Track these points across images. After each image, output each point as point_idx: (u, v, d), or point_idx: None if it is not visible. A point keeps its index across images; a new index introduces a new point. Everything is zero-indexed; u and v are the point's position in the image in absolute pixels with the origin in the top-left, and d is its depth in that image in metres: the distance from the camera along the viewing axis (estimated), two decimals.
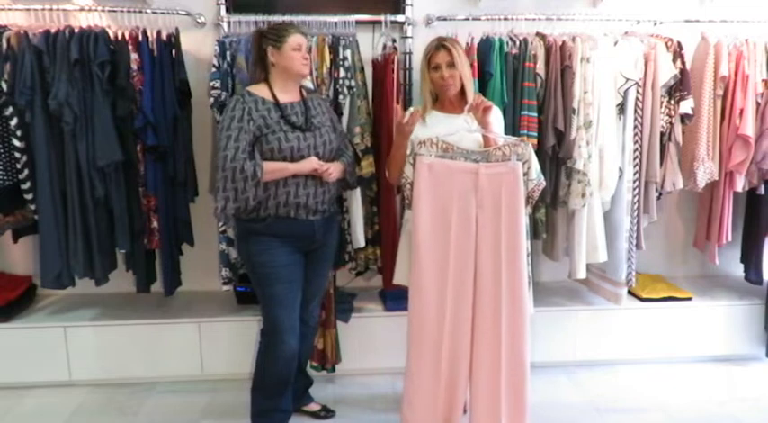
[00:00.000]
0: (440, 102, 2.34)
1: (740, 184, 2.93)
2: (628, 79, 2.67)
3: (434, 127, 2.26)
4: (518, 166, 2.15)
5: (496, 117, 2.30)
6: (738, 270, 3.25)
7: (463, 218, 2.18)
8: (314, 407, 2.63)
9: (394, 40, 2.83)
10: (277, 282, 2.23)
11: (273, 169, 2.13)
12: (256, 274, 2.26)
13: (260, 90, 2.22)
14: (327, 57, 2.62)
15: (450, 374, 2.24)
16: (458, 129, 2.22)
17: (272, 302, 2.25)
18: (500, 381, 2.21)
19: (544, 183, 2.23)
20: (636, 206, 2.81)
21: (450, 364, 2.23)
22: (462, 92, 2.27)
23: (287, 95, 2.25)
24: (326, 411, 2.63)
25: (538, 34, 2.73)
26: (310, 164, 2.18)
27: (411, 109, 2.37)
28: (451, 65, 2.22)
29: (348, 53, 2.61)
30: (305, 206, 2.22)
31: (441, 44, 2.25)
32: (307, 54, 2.25)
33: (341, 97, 2.62)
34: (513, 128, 2.64)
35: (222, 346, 2.87)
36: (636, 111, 2.74)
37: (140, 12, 2.73)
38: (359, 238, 2.76)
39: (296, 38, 2.20)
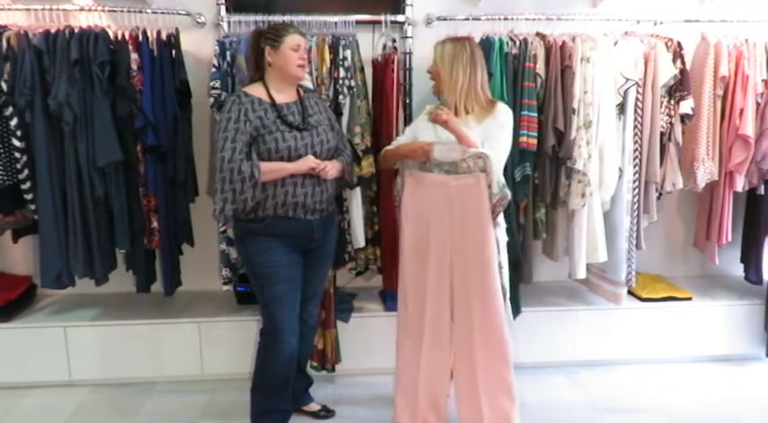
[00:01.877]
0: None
1: (740, 184, 2.92)
2: (628, 79, 2.67)
3: (436, 126, 2.25)
4: (482, 178, 2.16)
5: (500, 118, 2.26)
6: (738, 270, 3.25)
7: (438, 229, 2.23)
8: (314, 407, 2.63)
9: (394, 40, 2.84)
10: (276, 282, 2.23)
11: (271, 169, 2.13)
12: (255, 274, 2.26)
13: (256, 90, 2.22)
14: (327, 57, 2.62)
15: (432, 351, 2.32)
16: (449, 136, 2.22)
17: (271, 302, 2.25)
18: (476, 374, 2.25)
19: (509, 196, 2.19)
20: (636, 206, 2.81)
21: (431, 348, 2.31)
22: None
23: (283, 96, 2.24)
24: (326, 411, 2.63)
25: (538, 34, 2.72)
26: (307, 162, 2.17)
27: (428, 107, 2.36)
28: (434, 62, 2.26)
29: (348, 53, 2.61)
30: (303, 205, 2.22)
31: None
32: (305, 55, 2.24)
33: (341, 97, 2.62)
34: (512, 128, 2.63)
35: (222, 346, 2.87)
36: (636, 111, 2.74)
37: (140, 12, 2.73)
38: (359, 238, 2.76)
39: (294, 38, 2.19)
